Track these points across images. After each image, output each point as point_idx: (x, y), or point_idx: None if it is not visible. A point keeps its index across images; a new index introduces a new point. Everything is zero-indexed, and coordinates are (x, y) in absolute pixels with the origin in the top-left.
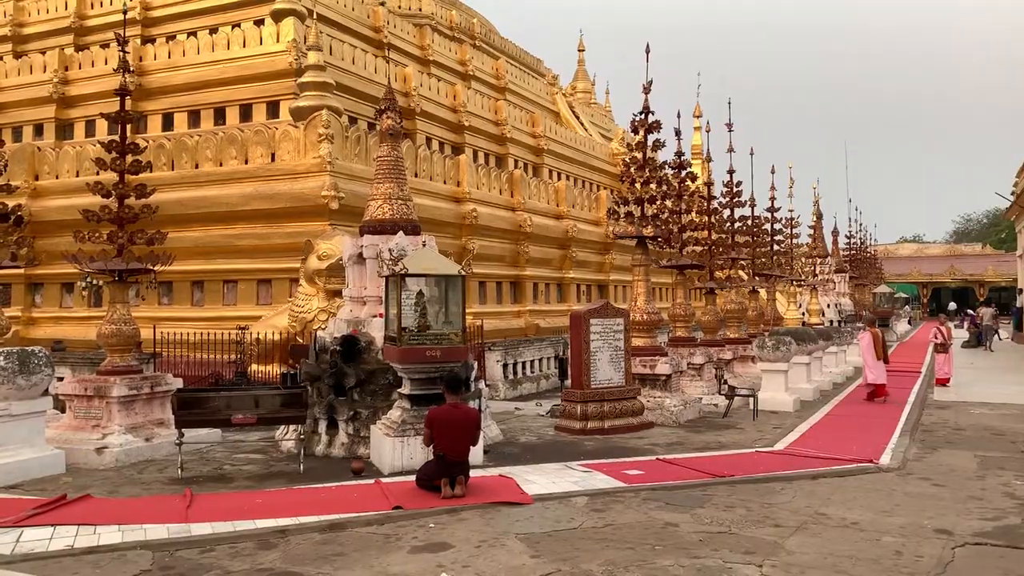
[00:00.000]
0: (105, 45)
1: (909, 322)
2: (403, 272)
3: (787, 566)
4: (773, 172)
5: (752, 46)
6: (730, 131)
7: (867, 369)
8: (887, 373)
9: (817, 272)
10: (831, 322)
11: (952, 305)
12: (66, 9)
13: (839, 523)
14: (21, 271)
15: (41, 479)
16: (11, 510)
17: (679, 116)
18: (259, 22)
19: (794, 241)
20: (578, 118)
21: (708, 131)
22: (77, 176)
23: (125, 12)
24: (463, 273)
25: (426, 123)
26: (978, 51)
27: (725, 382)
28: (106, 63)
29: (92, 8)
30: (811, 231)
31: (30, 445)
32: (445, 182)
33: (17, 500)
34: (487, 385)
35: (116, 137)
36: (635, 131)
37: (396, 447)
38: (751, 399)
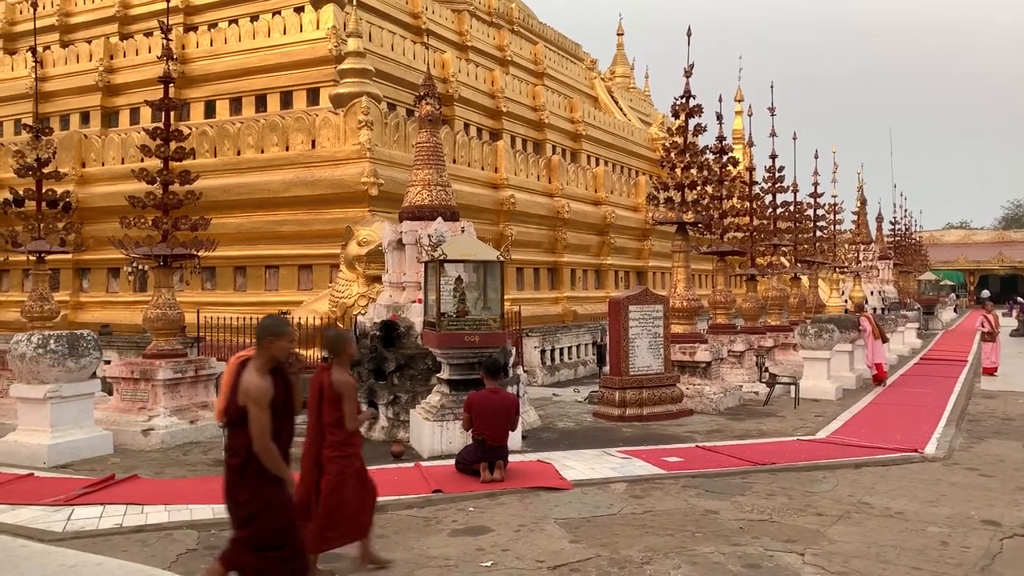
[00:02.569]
0: (149, 34)
1: (955, 310)
2: (442, 258)
3: (830, 555)
4: (816, 157)
5: (797, 30)
6: (772, 115)
7: (871, 351)
8: (931, 361)
9: (860, 259)
10: (874, 310)
11: (985, 292)
12: None
13: (883, 513)
14: (69, 256)
15: (90, 459)
16: (62, 489)
17: (720, 100)
18: (299, 9)
19: (837, 227)
20: (617, 103)
21: (750, 115)
22: (122, 163)
23: (168, 0)
24: (502, 259)
25: (464, 109)
26: None
27: (766, 370)
28: (150, 51)
29: None
30: (855, 217)
31: (79, 426)
32: (483, 168)
33: (68, 479)
34: (525, 371)
35: (160, 124)
36: (676, 115)
37: (435, 431)
38: (792, 387)
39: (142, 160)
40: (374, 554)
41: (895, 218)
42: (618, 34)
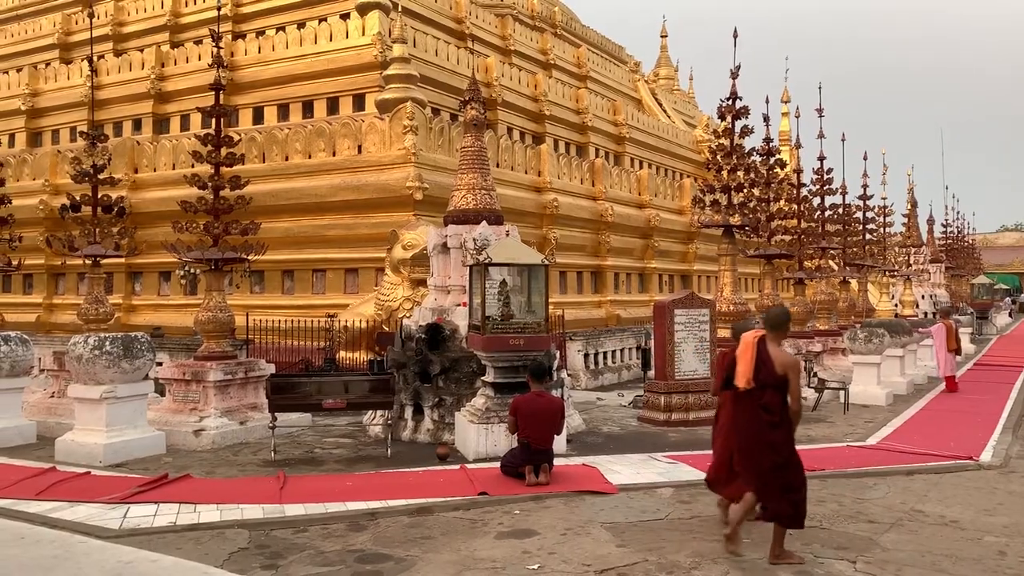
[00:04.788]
0: (198, 42)
1: (1010, 314)
2: (487, 261)
3: (882, 563)
4: (865, 159)
5: (845, 31)
6: (820, 117)
7: (941, 361)
8: (985, 367)
9: (911, 262)
10: (926, 314)
11: None
12: (162, 7)
13: (937, 521)
14: (122, 260)
15: (144, 459)
16: (118, 487)
17: (767, 101)
18: (345, 16)
19: (887, 230)
20: (661, 105)
21: (797, 116)
22: (174, 169)
23: (219, 8)
24: (546, 262)
25: (507, 113)
26: None
27: (815, 375)
28: (199, 59)
29: (186, 6)
30: (905, 219)
31: (133, 426)
32: (526, 172)
33: (123, 478)
34: (568, 375)
35: (211, 130)
36: (722, 117)
37: (480, 434)
38: (842, 392)
39: (193, 165)
40: None
41: (947, 220)
42: (662, 36)
